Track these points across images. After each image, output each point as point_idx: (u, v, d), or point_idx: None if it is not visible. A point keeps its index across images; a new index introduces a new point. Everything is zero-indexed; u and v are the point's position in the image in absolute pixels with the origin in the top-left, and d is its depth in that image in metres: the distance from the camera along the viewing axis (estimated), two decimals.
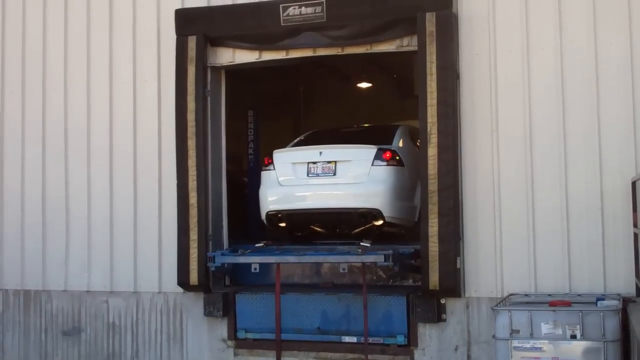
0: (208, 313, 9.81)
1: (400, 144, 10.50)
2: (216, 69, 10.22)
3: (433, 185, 8.77)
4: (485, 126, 8.95)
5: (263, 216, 10.26)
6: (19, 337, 10.86)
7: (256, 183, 10.75)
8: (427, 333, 9.03)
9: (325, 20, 9.45)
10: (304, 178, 10.05)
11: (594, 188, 8.52)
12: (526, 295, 8.51)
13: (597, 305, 7.66)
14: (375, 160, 9.86)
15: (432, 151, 8.80)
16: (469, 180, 8.96)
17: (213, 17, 9.97)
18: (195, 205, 9.75)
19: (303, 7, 9.51)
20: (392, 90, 17.27)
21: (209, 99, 10.04)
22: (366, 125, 13.19)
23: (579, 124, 8.64)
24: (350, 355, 9.26)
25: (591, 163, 8.55)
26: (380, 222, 9.82)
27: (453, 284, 8.72)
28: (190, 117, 9.83)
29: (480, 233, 8.89)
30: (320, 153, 10.00)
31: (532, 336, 7.54)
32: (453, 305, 8.95)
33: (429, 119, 8.84)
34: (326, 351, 9.40)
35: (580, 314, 7.45)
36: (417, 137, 9.63)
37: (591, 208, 8.51)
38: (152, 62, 10.39)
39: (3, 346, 10.95)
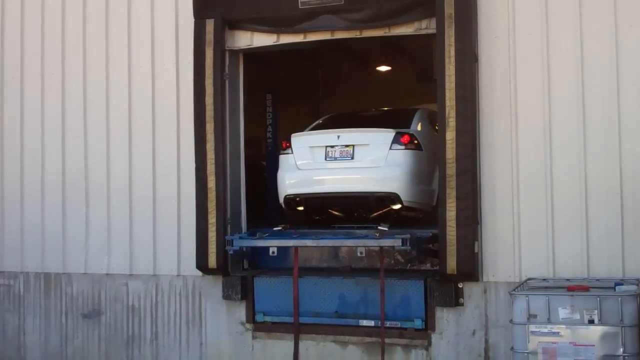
0: (227, 296, 9.86)
1: (419, 128, 10.46)
2: (234, 53, 10.22)
3: (451, 169, 8.72)
4: (503, 110, 8.87)
5: (281, 200, 10.29)
6: (39, 320, 10.97)
7: (274, 167, 10.77)
8: (444, 317, 9.03)
9: (343, 3, 9.39)
10: (322, 162, 10.04)
11: (613, 172, 8.42)
12: (544, 280, 8.45)
13: (615, 290, 7.60)
14: (393, 144, 9.83)
15: (450, 135, 8.75)
16: (487, 164, 8.90)
17: (231, 0, 9.94)
18: (214, 189, 9.77)
19: None
20: (411, 73, 17.18)
21: (227, 82, 10.02)
22: (384, 108, 13.16)
23: (598, 108, 8.53)
24: (368, 339, 9.29)
25: (611, 147, 8.44)
26: (398, 206, 9.81)
27: (471, 269, 8.69)
28: (209, 100, 9.83)
29: (499, 217, 8.84)
30: (338, 137, 9.98)
31: (549, 321, 7.50)
32: (471, 290, 8.93)
33: (447, 103, 8.78)
34: (344, 335, 9.42)
35: (598, 298, 7.39)
36: (435, 120, 9.58)
37: (610, 193, 8.41)
38: (170, 46, 10.39)
39: (24, 329, 11.07)
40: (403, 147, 9.83)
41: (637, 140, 8.38)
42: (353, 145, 9.93)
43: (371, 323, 9.22)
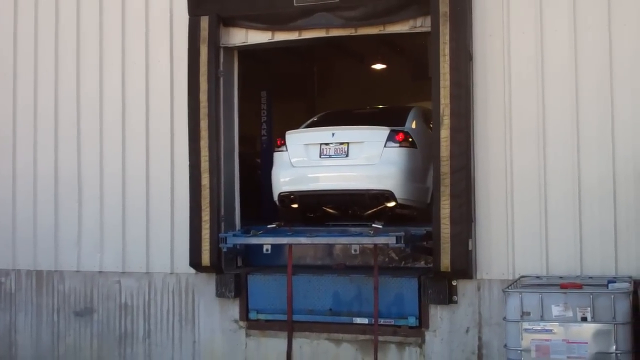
0: (220, 294, 9.84)
1: (413, 126, 10.47)
2: (229, 50, 10.20)
3: (445, 167, 8.73)
4: (498, 108, 8.87)
5: (275, 197, 10.28)
6: (31, 318, 10.93)
7: (269, 164, 10.75)
8: (438, 315, 9.03)
9: (338, 0, 9.39)
10: (317, 159, 10.04)
11: (606, 172, 8.42)
12: (537, 277, 8.47)
13: (608, 288, 7.62)
14: (387, 142, 9.84)
15: (445, 133, 8.75)
16: (481, 162, 8.90)
17: None
18: (208, 186, 9.75)
19: None
20: (406, 71, 17.20)
21: (221, 79, 10.00)
22: (379, 106, 13.15)
23: (592, 108, 8.54)
24: (362, 337, 9.28)
25: (604, 147, 8.44)
26: (392, 204, 9.82)
27: (464, 266, 8.69)
28: (203, 98, 9.81)
29: (493, 215, 8.84)
30: (333, 134, 9.99)
31: (542, 318, 7.51)
32: (464, 287, 8.93)
33: (442, 101, 8.79)
34: (338, 332, 9.41)
35: (591, 296, 7.41)
36: (430, 118, 9.58)
37: (604, 191, 8.41)
38: (164, 43, 10.36)
39: (16, 326, 11.03)
40: (397, 144, 9.84)
41: (631, 141, 8.39)
42: (348, 143, 9.93)
43: (365, 321, 9.20)
